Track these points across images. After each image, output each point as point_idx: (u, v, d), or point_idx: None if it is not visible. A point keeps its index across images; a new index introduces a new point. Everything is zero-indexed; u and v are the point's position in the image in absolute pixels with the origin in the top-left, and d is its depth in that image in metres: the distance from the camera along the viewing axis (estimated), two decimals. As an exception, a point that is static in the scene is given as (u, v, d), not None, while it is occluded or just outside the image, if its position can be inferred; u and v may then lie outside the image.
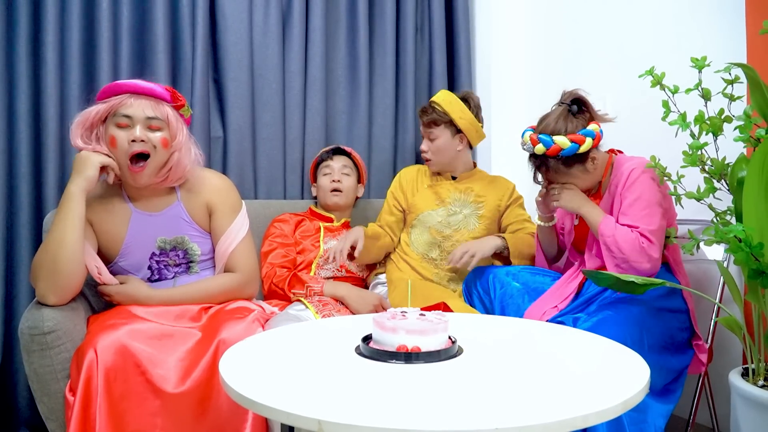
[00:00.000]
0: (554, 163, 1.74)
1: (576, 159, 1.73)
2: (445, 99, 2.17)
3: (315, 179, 2.31)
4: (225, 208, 1.77)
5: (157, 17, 2.16)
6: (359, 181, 2.33)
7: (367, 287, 2.22)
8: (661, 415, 1.56)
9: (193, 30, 2.22)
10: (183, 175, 1.71)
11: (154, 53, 2.17)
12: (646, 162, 1.73)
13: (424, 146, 2.21)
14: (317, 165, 2.30)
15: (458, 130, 2.18)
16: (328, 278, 2.12)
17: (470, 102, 2.20)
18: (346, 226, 2.29)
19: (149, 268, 1.72)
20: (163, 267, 1.72)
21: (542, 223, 1.98)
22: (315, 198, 2.35)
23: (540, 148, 1.70)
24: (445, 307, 2.00)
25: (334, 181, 2.23)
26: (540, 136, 1.71)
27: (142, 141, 1.59)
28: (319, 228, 2.22)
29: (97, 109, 1.62)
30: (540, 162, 1.77)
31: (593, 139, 1.70)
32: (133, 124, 1.60)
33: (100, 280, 1.64)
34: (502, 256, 2.14)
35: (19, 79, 2.02)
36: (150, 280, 1.72)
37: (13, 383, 2.01)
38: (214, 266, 1.80)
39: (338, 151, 2.30)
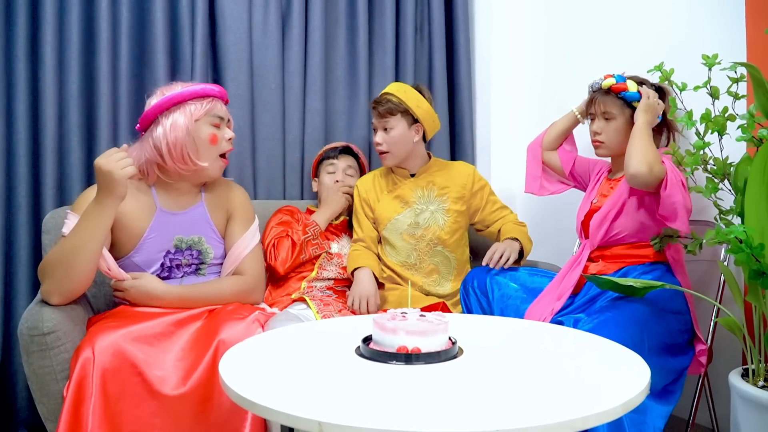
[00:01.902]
0: (612, 99, 1.84)
1: (630, 107, 1.83)
2: (399, 89, 2.13)
3: (316, 174, 2.30)
4: (243, 214, 1.84)
5: (157, 17, 2.16)
6: None
7: None
8: (661, 416, 1.56)
9: (192, 30, 2.22)
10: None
11: (154, 53, 2.17)
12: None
13: (378, 138, 2.13)
14: (321, 160, 2.29)
15: (414, 120, 2.13)
16: (330, 278, 2.12)
17: (423, 92, 2.16)
18: (344, 224, 2.28)
19: (161, 265, 1.72)
20: (174, 266, 1.73)
21: (575, 111, 2.09)
22: (315, 193, 2.32)
23: (610, 81, 1.84)
24: (444, 308, 2.00)
25: (337, 182, 2.21)
26: (617, 74, 1.86)
27: (233, 139, 1.81)
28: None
29: (190, 111, 1.69)
30: (599, 96, 1.87)
31: None
32: (222, 124, 1.76)
33: (110, 275, 1.63)
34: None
35: (18, 79, 2.01)
36: (159, 276, 1.72)
37: (13, 384, 2.01)
38: (220, 273, 1.82)
39: (345, 150, 2.28)
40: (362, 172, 2.31)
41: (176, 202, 1.74)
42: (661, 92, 1.86)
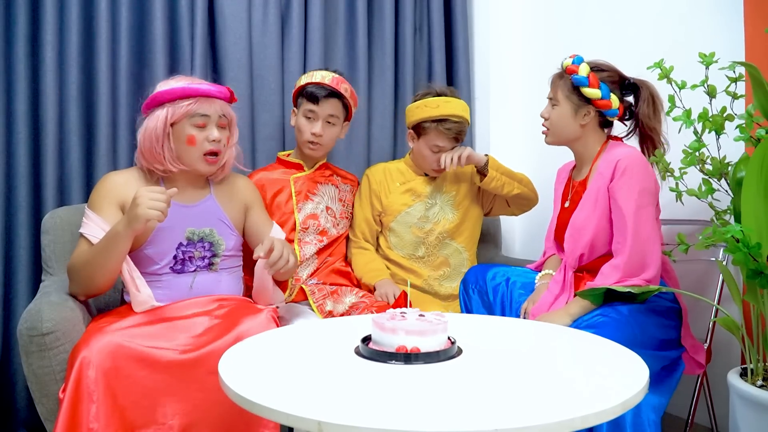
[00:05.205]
0: (563, 82, 1.78)
1: (577, 93, 1.75)
2: (465, 109, 2.12)
3: (297, 105, 2.13)
4: (261, 202, 1.95)
5: (156, 17, 2.16)
6: (347, 118, 2.17)
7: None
8: (653, 408, 1.49)
9: (192, 30, 2.22)
10: (228, 170, 1.84)
11: (153, 53, 2.17)
12: (636, 153, 1.70)
13: (446, 160, 2.10)
14: (302, 93, 2.09)
15: None
16: (313, 254, 2.10)
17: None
18: (322, 168, 2.19)
19: (174, 257, 1.73)
20: (187, 258, 1.74)
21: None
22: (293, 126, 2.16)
23: (567, 62, 1.78)
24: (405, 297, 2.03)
25: (314, 134, 2.06)
26: (578, 56, 1.78)
27: (218, 141, 1.72)
28: (291, 193, 2.11)
29: (167, 114, 1.67)
30: (558, 76, 1.82)
31: (601, 98, 1.73)
32: (209, 123, 1.71)
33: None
34: (482, 175, 2.10)
35: (18, 79, 2.01)
36: (172, 269, 1.72)
37: (12, 384, 2.01)
38: (236, 265, 1.84)
39: (331, 95, 2.05)
40: (349, 114, 2.15)
41: (185, 195, 1.75)
42: (635, 89, 1.77)
